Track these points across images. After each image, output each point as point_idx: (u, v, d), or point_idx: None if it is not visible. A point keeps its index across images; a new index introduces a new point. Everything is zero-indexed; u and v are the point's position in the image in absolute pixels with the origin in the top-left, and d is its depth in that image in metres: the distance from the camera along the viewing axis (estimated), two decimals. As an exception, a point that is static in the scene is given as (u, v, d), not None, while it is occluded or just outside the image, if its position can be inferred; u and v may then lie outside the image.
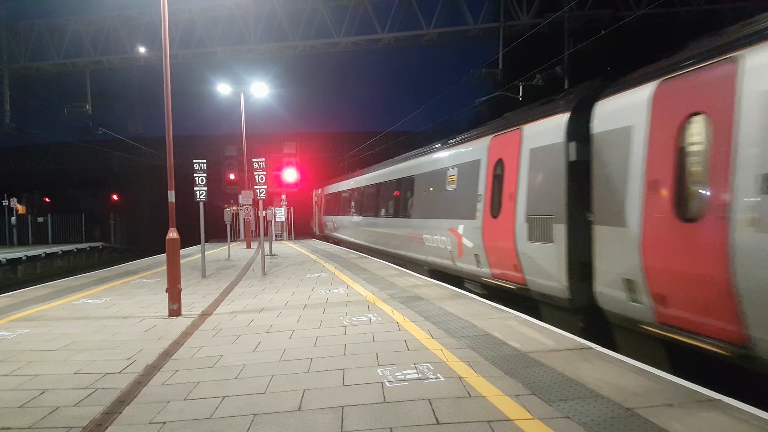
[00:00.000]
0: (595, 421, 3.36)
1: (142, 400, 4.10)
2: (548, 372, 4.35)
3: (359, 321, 6.62)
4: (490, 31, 20.50)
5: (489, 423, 3.41)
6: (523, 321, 6.35)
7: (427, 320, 6.51)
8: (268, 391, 4.15)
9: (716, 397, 3.67)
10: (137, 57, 22.63)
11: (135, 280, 11.72)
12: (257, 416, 3.66)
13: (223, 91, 21.75)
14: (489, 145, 9.17)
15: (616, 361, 4.62)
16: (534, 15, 19.41)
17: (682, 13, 19.32)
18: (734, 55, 4.44)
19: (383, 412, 3.66)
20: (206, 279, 11.59)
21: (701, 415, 3.40)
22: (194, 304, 8.34)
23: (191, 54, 22.44)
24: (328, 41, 21.28)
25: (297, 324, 6.61)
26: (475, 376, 4.32)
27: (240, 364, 4.93)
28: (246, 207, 19.92)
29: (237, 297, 8.96)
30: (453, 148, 11.09)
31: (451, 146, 11.26)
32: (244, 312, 7.55)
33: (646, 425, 3.27)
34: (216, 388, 4.28)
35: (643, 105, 5.49)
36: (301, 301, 8.35)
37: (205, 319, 7.15)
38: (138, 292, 9.83)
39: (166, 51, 8.10)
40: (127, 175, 44.62)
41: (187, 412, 3.79)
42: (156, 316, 7.43)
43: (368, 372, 4.53)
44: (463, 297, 8.17)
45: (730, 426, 3.23)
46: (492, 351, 5.05)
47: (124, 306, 8.37)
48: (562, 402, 3.70)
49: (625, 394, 3.78)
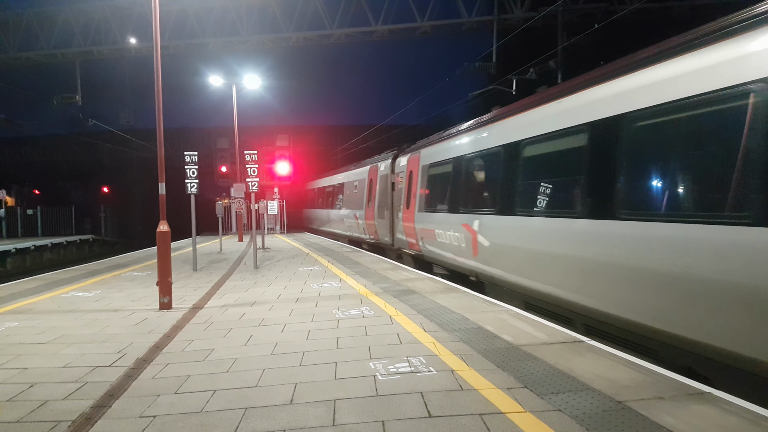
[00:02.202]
0: (587, 414, 3.37)
1: (132, 393, 4.06)
2: (540, 365, 4.36)
3: (352, 314, 6.61)
4: (484, 25, 20.44)
5: (481, 416, 3.41)
6: (515, 314, 6.36)
7: (420, 313, 6.51)
8: (260, 385, 4.13)
9: (706, 390, 3.69)
10: (128, 48, 22.34)
11: (125, 273, 11.63)
12: (248, 410, 3.64)
13: (215, 82, 21.59)
14: (368, 170, 17.78)
15: (607, 354, 4.63)
16: (528, 8, 19.36)
17: (675, 8, 19.36)
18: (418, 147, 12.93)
19: (375, 405, 3.65)
20: (198, 272, 11.52)
21: (692, 407, 3.41)
22: (185, 297, 8.29)
23: (183, 45, 22.18)
24: (322, 33, 21.11)
25: (289, 317, 6.58)
26: (467, 369, 4.32)
27: (231, 357, 4.90)
28: (238, 200, 19.80)
29: (229, 290, 8.91)
30: (358, 168, 19.86)
31: (358, 166, 20.15)
32: (236, 305, 7.51)
33: (638, 418, 3.28)
34: (207, 382, 4.25)
35: (407, 161, 13.45)
36: (294, 294, 8.32)
37: (197, 312, 7.10)
38: (128, 285, 9.75)
39: (157, 42, 8.00)
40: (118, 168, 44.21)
41: (178, 406, 3.76)
42: (147, 309, 7.38)
43: (360, 365, 4.51)
44: (456, 290, 8.18)
45: (721, 418, 3.24)
46: (484, 344, 5.05)
47: (114, 299, 8.30)
48: (554, 395, 3.71)
49: (617, 387, 3.80)
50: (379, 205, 15.92)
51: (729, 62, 4.13)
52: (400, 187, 13.87)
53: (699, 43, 4.49)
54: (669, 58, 4.82)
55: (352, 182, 20.14)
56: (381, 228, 15.73)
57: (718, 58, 4.23)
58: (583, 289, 5.80)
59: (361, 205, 18.18)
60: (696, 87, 4.39)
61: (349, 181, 20.86)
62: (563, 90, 6.68)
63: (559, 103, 6.57)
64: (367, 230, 17.60)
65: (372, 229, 16.91)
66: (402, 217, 13.34)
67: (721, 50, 4.23)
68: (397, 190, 14.29)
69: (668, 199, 4.82)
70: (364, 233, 18.28)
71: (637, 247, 4.88)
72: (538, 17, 16.96)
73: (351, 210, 20.00)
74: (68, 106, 23.17)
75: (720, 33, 4.29)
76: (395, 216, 14.25)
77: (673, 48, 4.82)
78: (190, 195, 10.81)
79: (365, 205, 17.62)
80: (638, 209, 5.05)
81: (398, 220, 13.81)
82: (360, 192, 18.58)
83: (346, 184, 21.18)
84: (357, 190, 19.13)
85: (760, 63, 3.85)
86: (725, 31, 4.25)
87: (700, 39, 4.51)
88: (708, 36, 4.44)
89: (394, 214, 14.45)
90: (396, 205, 14.21)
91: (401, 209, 13.43)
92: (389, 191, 15.02)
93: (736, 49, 4.10)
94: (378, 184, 16.05)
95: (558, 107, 6.58)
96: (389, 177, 15.06)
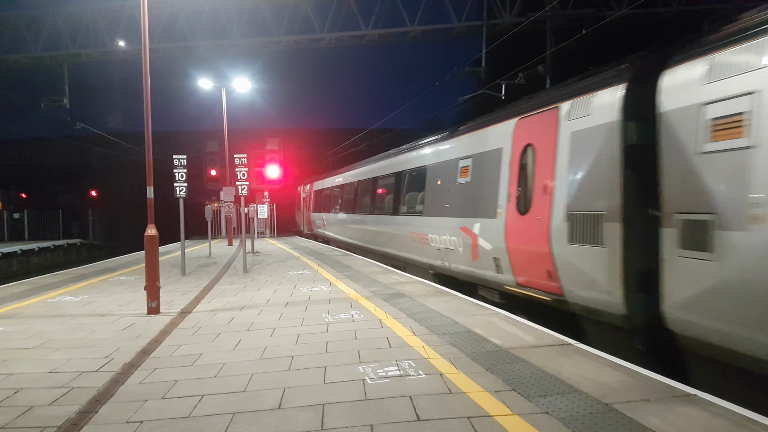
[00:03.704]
0: (574, 416, 3.39)
1: (119, 399, 4.02)
2: (528, 368, 4.39)
3: (342, 318, 6.60)
4: (473, 30, 20.55)
5: (469, 419, 3.43)
6: (504, 317, 6.40)
7: (410, 317, 6.52)
8: (248, 390, 4.11)
9: (692, 392, 3.73)
10: (117, 51, 22.16)
11: (113, 278, 11.53)
12: (236, 415, 3.62)
13: (205, 86, 21.49)
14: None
15: (594, 356, 4.67)
16: (517, 14, 19.50)
17: (663, 14, 19.62)
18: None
19: (364, 409, 3.65)
20: (186, 276, 11.44)
21: (677, 409, 3.45)
22: (174, 301, 8.23)
23: (173, 48, 22.06)
24: (312, 36, 21.10)
25: (278, 322, 6.56)
26: (456, 373, 4.34)
27: (220, 362, 4.87)
28: (227, 204, 19.70)
29: (217, 295, 8.86)
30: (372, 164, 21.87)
31: (368, 163, 21.72)
32: (225, 310, 7.47)
33: (624, 420, 3.31)
34: (195, 387, 4.22)
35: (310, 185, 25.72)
36: (283, 298, 8.29)
37: (185, 317, 7.05)
38: (116, 290, 9.66)
39: (146, 44, 7.96)
40: (106, 171, 43.72)
41: (165, 411, 3.74)
42: (134, 314, 7.31)
43: (350, 369, 4.51)
44: (445, 294, 8.20)
45: (706, 420, 3.28)
46: (473, 347, 5.07)
47: (101, 304, 8.22)
48: (541, 397, 3.73)
49: (604, 390, 3.83)
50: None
51: None
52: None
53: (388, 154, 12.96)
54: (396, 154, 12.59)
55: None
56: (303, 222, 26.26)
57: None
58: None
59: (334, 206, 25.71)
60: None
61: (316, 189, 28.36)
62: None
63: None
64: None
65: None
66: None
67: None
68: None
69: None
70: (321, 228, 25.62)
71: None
72: (527, 22, 17.09)
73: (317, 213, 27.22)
74: (56, 109, 22.95)
75: None
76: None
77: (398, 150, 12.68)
78: (179, 198, 10.75)
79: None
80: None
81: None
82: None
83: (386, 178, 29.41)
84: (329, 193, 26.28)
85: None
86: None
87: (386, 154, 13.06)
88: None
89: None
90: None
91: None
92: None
93: None
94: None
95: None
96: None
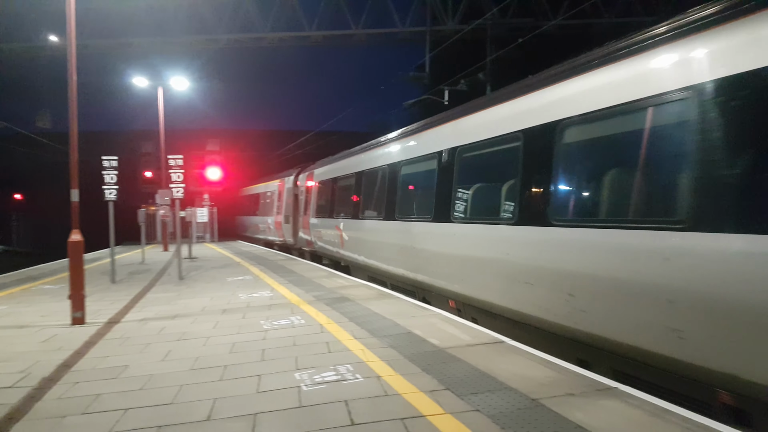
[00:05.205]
0: (503, 413, 3.48)
1: (34, 416, 3.75)
2: (463, 366, 4.46)
3: (281, 325, 6.47)
4: (418, 35, 20.87)
5: (403, 420, 3.43)
6: (444, 318, 6.48)
7: (352, 321, 6.48)
8: (176, 402, 3.94)
9: (613, 386, 3.92)
10: (44, 46, 20.90)
11: (36, 287, 10.79)
12: (163, 428, 3.46)
13: (140, 84, 20.57)
14: (278, 183, 21.19)
15: (525, 353, 4.81)
16: (459, 21, 19.98)
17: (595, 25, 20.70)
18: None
19: (298, 416, 3.58)
20: (116, 284, 10.88)
21: (600, 402, 3.61)
22: (101, 311, 7.79)
23: (104, 45, 21.05)
24: (253, 36, 20.77)
25: (213, 330, 6.34)
26: (393, 375, 4.34)
27: (147, 374, 4.64)
28: (164, 207, 18.90)
29: (149, 303, 8.47)
30: (276, 179, 22.30)
31: (275, 178, 22.92)
32: (156, 319, 7.14)
33: (550, 414, 3.42)
34: (119, 400, 4.00)
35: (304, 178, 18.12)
36: (220, 306, 8.03)
37: (112, 327, 6.68)
38: (39, 300, 9.04)
39: (72, 39, 7.52)
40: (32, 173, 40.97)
41: (84, 427, 3.51)
42: (57, 325, 6.86)
43: (285, 377, 4.42)
44: (390, 297, 8.22)
45: (625, 411, 3.45)
46: (412, 348, 5.10)
47: (21, 314, 7.66)
48: (473, 395, 3.80)
49: (532, 386, 3.95)
50: (285, 212, 19.88)
51: None
52: (301, 198, 17.82)
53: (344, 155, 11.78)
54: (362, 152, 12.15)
55: (265, 193, 24.83)
56: (287, 231, 19.73)
57: None
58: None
59: (272, 212, 22.61)
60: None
61: (265, 191, 25.21)
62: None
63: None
64: (277, 233, 21.71)
65: (280, 232, 20.92)
66: (302, 222, 17.33)
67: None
68: (299, 200, 18.31)
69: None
70: (275, 236, 22.32)
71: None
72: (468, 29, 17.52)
73: (266, 216, 24.28)
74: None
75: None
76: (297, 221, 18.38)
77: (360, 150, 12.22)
78: (108, 202, 10.20)
79: (275, 212, 21.83)
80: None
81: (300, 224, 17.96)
82: (272, 201, 22.85)
83: (262, 195, 25.52)
84: (270, 200, 23.45)
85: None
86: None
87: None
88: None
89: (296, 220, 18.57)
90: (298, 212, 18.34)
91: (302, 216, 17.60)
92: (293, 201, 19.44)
93: None
94: (285, 194, 20.17)
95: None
96: (293, 189, 18.90)
